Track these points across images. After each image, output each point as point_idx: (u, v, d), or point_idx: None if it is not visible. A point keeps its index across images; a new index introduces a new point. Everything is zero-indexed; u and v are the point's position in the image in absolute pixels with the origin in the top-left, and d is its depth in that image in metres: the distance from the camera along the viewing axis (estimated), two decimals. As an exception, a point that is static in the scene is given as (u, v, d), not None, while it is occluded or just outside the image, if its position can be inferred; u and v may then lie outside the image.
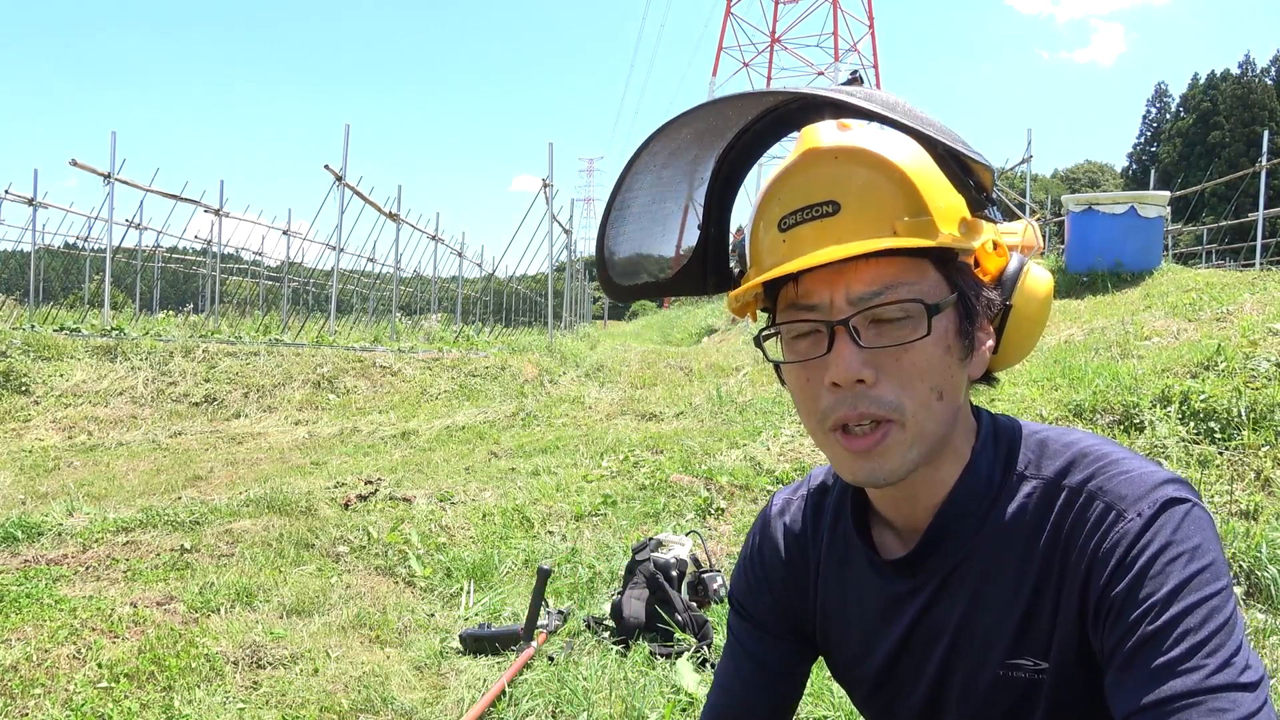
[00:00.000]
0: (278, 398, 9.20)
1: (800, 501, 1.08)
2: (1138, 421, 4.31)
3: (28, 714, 2.43)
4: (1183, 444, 4.03)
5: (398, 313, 17.52)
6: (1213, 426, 4.12)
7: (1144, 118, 58.77)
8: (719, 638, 2.81)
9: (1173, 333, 6.32)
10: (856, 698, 1.07)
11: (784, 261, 0.82)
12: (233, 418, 8.72)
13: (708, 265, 1.01)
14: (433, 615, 3.27)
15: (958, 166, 0.86)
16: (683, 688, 2.47)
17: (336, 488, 5.11)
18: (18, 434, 7.83)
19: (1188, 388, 4.41)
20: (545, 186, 13.53)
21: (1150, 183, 27.16)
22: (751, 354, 10.00)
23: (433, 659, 2.85)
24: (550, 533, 4.25)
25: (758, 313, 0.95)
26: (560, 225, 15.31)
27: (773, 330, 0.88)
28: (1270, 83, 49.70)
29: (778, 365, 0.88)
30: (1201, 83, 52.54)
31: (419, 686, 2.68)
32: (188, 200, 15.08)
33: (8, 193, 15.44)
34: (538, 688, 2.52)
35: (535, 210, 15.12)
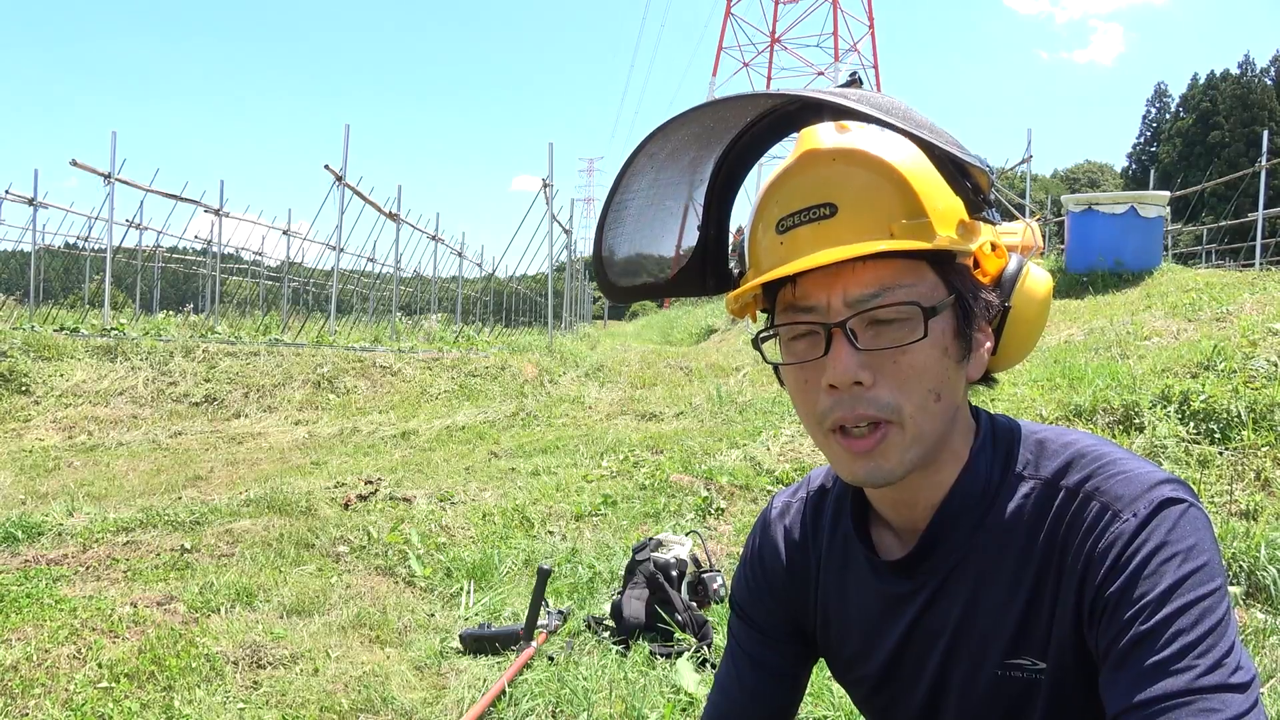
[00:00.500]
0: (278, 398, 9.21)
1: (800, 504, 1.08)
2: (1137, 421, 4.31)
3: (28, 714, 2.43)
4: (1182, 444, 4.02)
5: (398, 313, 17.52)
6: (1212, 426, 4.12)
7: (1144, 118, 58.71)
8: (719, 638, 2.81)
9: (1172, 333, 6.32)
10: (857, 698, 1.07)
11: (782, 263, 0.82)
12: (233, 418, 8.72)
13: (707, 266, 1.01)
14: (433, 615, 3.27)
15: (955, 169, 0.86)
16: (683, 688, 2.47)
17: (336, 488, 5.11)
18: (18, 434, 7.83)
19: (1187, 388, 4.41)
20: (545, 187, 13.52)
21: (1150, 183, 27.13)
22: (751, 354, 9.98)
23: (433, 659, 2.85)
24: (550, 533, 4.25)
25: (757, 313, 0.95)
26: (560, 225, 15.31)
27: (771, 332, 0.88)
28: (1270, 83, 49.63)
29: (776, 366, 0.88)
30: (1201, 83, 52.46)
31: (419, 686, 2.68)
32: (188, 200, 15.05)
33: (8, 193, 15.46)
34: (538, 688, 2.52)
35: (535, 210, 15.15)
